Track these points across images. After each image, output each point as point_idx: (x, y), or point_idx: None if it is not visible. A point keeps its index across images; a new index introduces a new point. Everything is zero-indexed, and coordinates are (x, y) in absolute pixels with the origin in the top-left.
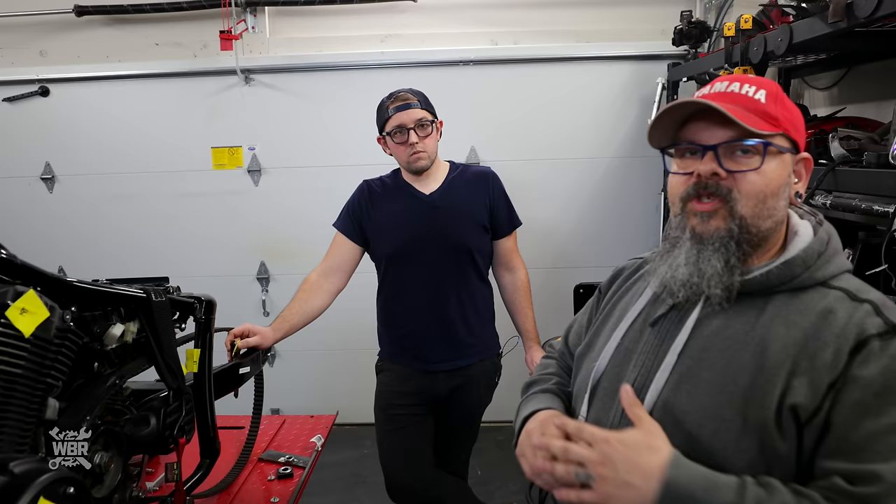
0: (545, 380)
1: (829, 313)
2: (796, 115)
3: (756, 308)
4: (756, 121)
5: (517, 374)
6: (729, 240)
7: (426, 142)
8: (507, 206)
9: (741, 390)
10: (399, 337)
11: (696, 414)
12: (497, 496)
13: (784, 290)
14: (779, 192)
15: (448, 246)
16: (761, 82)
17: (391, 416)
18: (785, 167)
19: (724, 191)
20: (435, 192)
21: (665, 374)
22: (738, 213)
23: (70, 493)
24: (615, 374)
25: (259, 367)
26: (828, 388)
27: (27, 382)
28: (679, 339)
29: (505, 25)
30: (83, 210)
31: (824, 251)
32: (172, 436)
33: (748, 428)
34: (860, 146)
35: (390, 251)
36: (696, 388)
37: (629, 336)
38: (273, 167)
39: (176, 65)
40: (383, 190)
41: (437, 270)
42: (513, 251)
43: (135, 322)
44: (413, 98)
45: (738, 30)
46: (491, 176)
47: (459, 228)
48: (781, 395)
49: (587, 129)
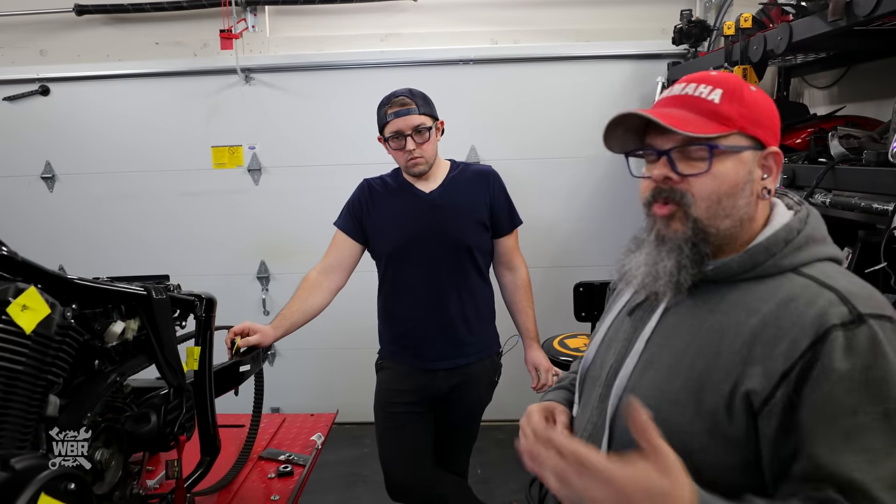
0: (564, 377)
1: (791, 301)
2: (760, 111)
3: (720, 295)
4: (704, 124)
5: (518, 373)
6: (685, 242)
7: (424, 147)
8: (508, 204)
9: (696, 374)
10: (399, 335)
11: (656, 399)
12: (497, 495)
13: (747, 277)
14: (735, 192)
15: (448, 244)
16: (720, 80)
17: (391, 414)
18: (742, 165)
19: (677, 195)
20: (435, 191)
21: (633, 360)
22: (692, 215)
23: (71, 489)
24: (598, 362)
25: (259, 365)
26: (780, 376)
27: (28, 379)
28: (648, 326)
29: (505, 24)
30: (83, 209)
31: (793, 238)
32: (173, 433)
33: (700, 411)
34: (860, 145)
35: (390, 249)
36: (658, 374)
37: (613, 326)
38: (273, 166)
39: (176, 64)
40: (384, 188)
41: (437, 268)
42: (513, 250)
43: (135, 320)
44: (411, 102)
45: (737, 28)
46: (492, 174)
47: (459, 227)
48: (735, 381)
49: (587, 127)
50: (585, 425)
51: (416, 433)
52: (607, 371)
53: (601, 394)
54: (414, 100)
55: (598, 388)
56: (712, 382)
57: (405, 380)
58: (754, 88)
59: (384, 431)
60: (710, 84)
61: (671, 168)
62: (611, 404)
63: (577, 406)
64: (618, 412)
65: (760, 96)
